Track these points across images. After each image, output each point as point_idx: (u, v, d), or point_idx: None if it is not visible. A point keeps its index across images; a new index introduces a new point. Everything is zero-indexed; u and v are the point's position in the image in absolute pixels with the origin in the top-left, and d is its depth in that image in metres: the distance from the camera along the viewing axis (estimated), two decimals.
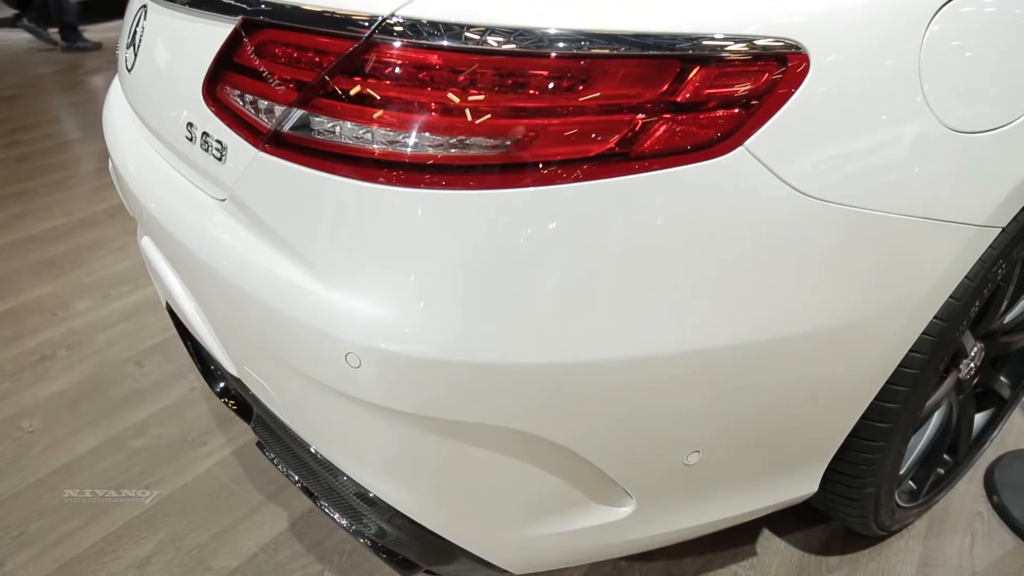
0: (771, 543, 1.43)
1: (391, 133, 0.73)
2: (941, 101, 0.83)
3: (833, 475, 1.13)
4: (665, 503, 1.00)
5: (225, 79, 0.90)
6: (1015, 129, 0.90)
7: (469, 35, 0.70)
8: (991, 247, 0.97)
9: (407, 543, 0.99)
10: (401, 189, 0.73)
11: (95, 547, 1.44)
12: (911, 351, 0.98)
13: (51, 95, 4.56)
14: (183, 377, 1.90)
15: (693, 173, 0.73)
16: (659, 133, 0.72)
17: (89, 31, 5.73)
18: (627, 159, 0.72)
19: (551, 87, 0.71)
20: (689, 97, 0.72)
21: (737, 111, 0.73)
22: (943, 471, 1.46)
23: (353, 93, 0.75)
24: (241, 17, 0.87)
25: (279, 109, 0.81)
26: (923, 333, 0.98)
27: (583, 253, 0.73)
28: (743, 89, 0.73)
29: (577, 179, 0.71)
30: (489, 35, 0.70)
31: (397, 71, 0.73)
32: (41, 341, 2.07)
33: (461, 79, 0.71)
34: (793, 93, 0.74)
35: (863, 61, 0.78)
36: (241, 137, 0.86)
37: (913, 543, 1.42)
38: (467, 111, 0.71)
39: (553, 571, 1.30)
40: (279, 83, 0.81)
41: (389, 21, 0.73)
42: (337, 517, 1.04)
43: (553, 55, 0.70)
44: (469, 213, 0.72)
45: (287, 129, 0.80)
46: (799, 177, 0.76)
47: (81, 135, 3.84)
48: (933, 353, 1.01)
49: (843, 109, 0.78)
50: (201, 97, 0.93)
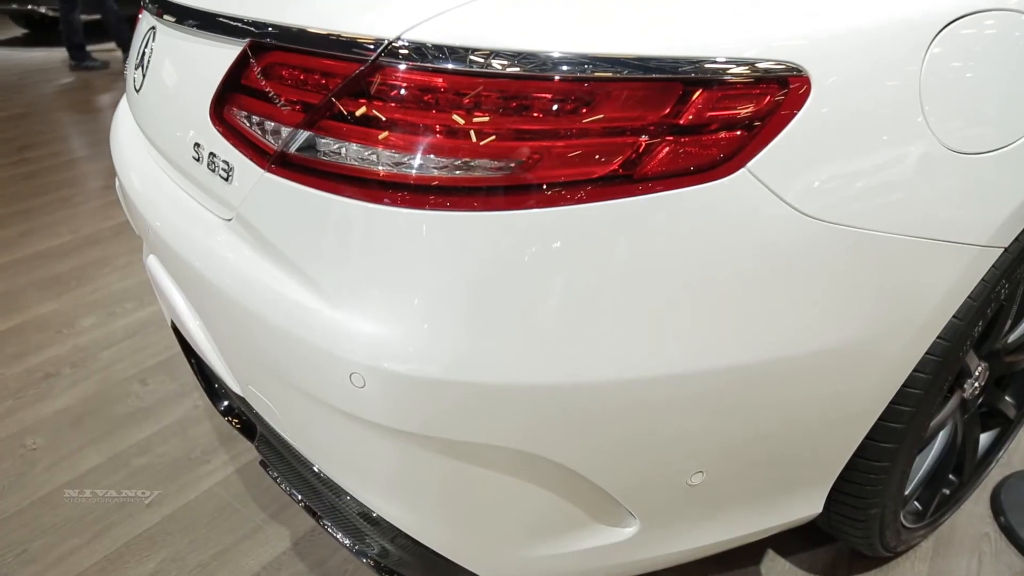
0: (775, 564, 1.42)
1: (396, 155, 0.74)
2: (942, 122, 0.84)
3: (838, 495, 1.12)
4: (669, 523, 0.99)
5: (232, 100, 0.91)
6: (1016, 150, 0.90)
7: (474, 58, 0.71)
8: (994, 267, 0.98)
9: (410, 563, 0.99)
10: (406, 210, 0.73)
11: (97, 565, 1.44)
12: (915, 371, 0.98)
13: (59, 113, 4.61)
14: (187, 395, 1.90)
15: (696, 194, 0.73)
16: (662, 155, 0.73)
17: (90, 50, 5.79)
18: (630, 181, 0.72)
19: (555, 110, 0.72)
20: (691, 119, 0.73)
21: (739, 133, 0.74)
22: (949, 492, 1.45)
23: (359, 115, 0.76)
24: (249, 39, 0.88)
25: (285, 130, 0.81)
26: (927, 353, 0.98)
27: (586, 274, 0.74)
28: (745, 111, 0.74)
29: (581, 200, 0.72)
30: (493, 58, 0.71)
31: (402, 93, 0.74)
32: (46, 358, 2.08)
33: (466, 102, 0.72)
34: (795, 115, 0.75)
35: (864, 83, 0.79)
36: (247, 158, 0.87)
37: (919, 564, 1.41)
38: (472, 133, 0.72)
39: None
40: (286, 105, 0.82)
41: (395, 44, 0.74)
42: (340, 536, 1.04)
43: (557, 78, 0.71)
44: (473, 234, 0.73)
45: (293, 150, 0.81)
46: (801, 198, 0.77)
47: (88, 153, 3.87)
48: (937, 373, 1.01)
49: (844, 131, 0.78)
50: (208, 118, 0.94)
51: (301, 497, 1.08)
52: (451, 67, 0.72)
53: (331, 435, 0.91)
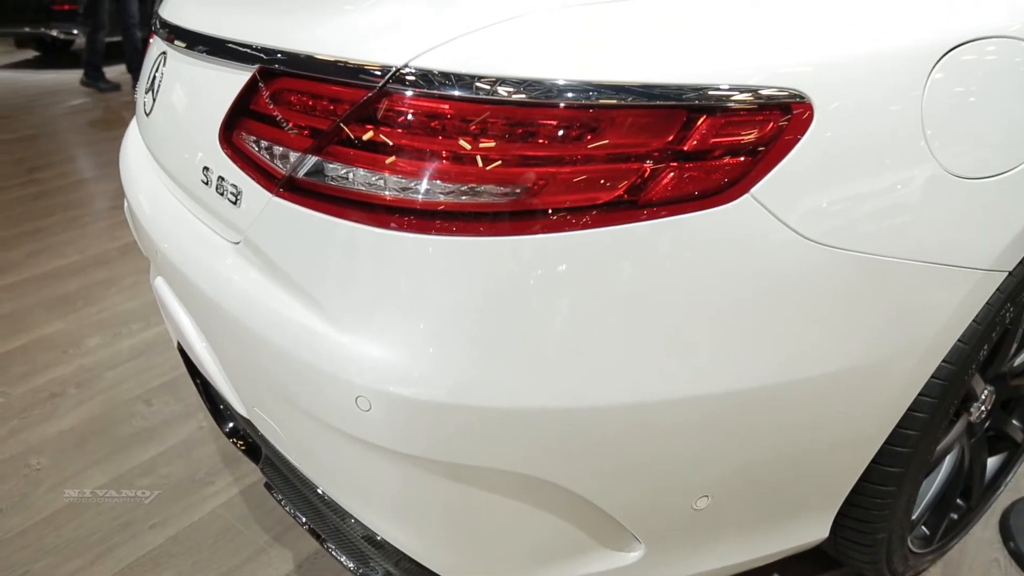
0: None
1: (403, 180, 0.75)
2: (944, 147, 0.84)
3: (844, 520, 1.12)
4: (674, 548, 0.99)
5: (241, 125, 0.93)
6: (1019, 174, 0.91)
7: (480, 85, 0.72)
8: (998, 291, 0.98)
9: None
10: (413, 235, 0.74)
11: None
12: (920, 395, 0.98)
13: (68, 135, 4.65)
14: (191, 416, 1.90)
15: (700, 220, 0.74)
16: (666, 181, 0.73)
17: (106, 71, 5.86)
18: (635, 206, 0.73)
19: (560, 136, 0.73)
20: (695, 146, 0.73)
21: (743, 159, 0.74)
22: (957, 516, 1.44)
23: (366, 140, 0.77)
24: (258, 65, 0.89)
25: (294, 155, 0.82)
26: (932, 376, 0.97)
27: (591, 299, 0.74)
28: (748, 138, 0.74)
29: (586, 226, 0.72)
30: (499, 86, 0.72)
31: (409, 120, 0.75)
32: (51, 378, 2.08)
33: (472, 128, 0.73)
34: (798, 141, 0.76)
35: (867, 108, 0.80)
36: (256, 182, 0.88)
37: None
38: (478, 159, 0.73)
39: None
40: (294, 130, 0.83)
41: (402, 71, 0.75)
42: (344, 560, 1.03)
43: (562, 105, 0.72)
44: (479, 259, 0.73)
45: (301, 175, 0.82)
46: (804, 223, 0.77)
47: (96, 174, 3.90)
48: (943, 397, 1.00)
49: (847, 156, 0.79)
50: (217, 142, 0.95)
51: (305, 520, 1.08)
52: (457, 94, 0.73)
53: (336, 458, 0.91)
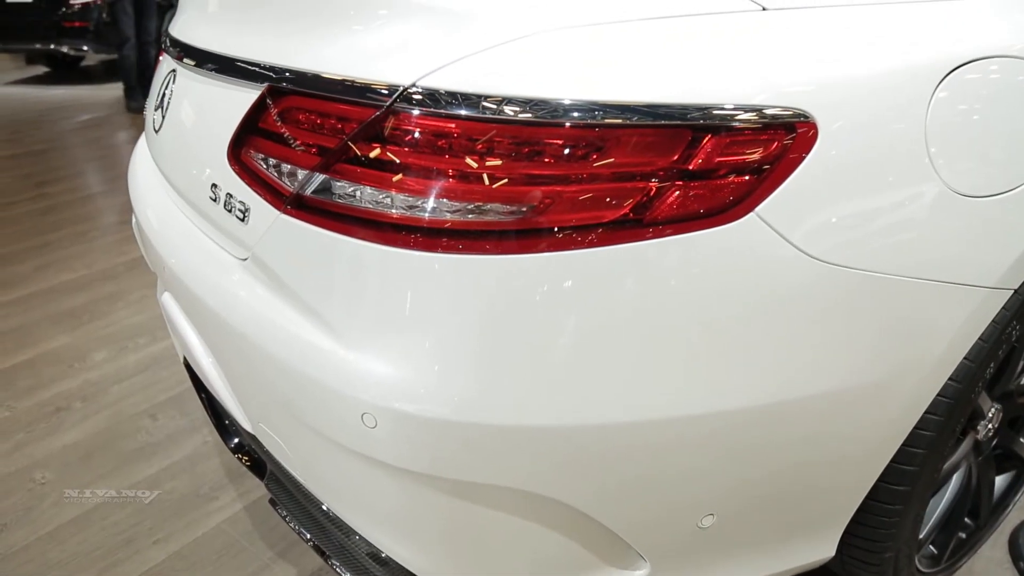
0: None
1: (410, 198, 0.75)
2: (948, 165, 0.85)
3: (851, 538, 1.11)
4: (679, 566, 0.98)
5: (250, 143, 0.93)
6: (1022, 193, 0.91)
7: (486, 105, 0.73)
8: (1004, 308, 0.98)
9: None
10: (419, 253, 0.75)
11: None
12: (927, 412, 0.98)
13: (77, 150, 4.70)
14: (196, 431, 1.90)
15: (705, 239, 0.74)
16: (671, 199, 0.74)
17: (106, 89, 5.89)
18: (640, 225, 0.73)
19: (566, 155, 0.73)
20: (700, 165, 0.74)
21: (747, 178, 0.75)
22: (965, 535, 1.43)
23: (374, 159, 0.77)
24: (267, 84, 0.90)
25: (302, 173, 0.83)
26: (938, 395, 0.97)
27: (597, 317, 0.74)
28: (753, 157, 0.75)
29: (592, 244, 0.73)
30: (506, 105, 0.73)
31: (416, 138, 0.75)
32: (57, 392, 2.09)
33: (479, 147, 0.73)
34: (802, 160, 0.76)
35: (870, 127, 0.80)
36: (264, 199, 0.88)
37: None
38: (484, 178, 0.73)
39: None
40: (302, 148, 0.84)
41: (409, 90, 0.75)
42: None
43: (568, 124, 0.72)
44: (485, 277, 0.74)
45: (309, 192, 0.82)
46: (809, 241, 0.77)
47: (104, 189, 3.93)
48: (949, 415, 1.00)
49: (851, 175, 0.79)
50: (226, 159, 0.96)
51: (310, 536, 1.08)
52: (464, 113, 0.73)
53: (341, 474, 0.91)
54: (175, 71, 1.24)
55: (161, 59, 1.41)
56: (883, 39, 0.86)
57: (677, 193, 0.74)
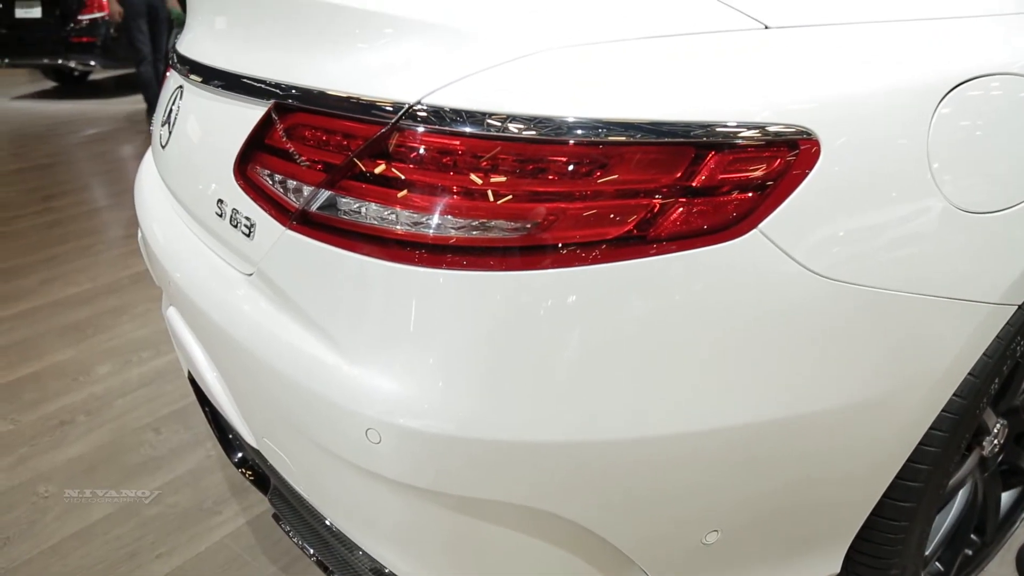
0: None
1: (415, 215, 0.76)
2: (949, 182, 0.85)
3: (856, 555, 1.10)
4: None
5: (256, 159, 0.94)
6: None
7: (491, 122, 0.73)
8: (1008, 324, 0.98)
9: None
10: (424, 269, 0.75)
11: None
12: (931, 428, 0.97)
13: (83, 164, 4.73)
14: (200, 444, 1.90)
15: (708, 255, 0.74)
16: (675, 216, 0.74)
17: (113, 103, 5.93)
18: (644, 241, 0.74)
19: (570, 172, 0.73)
20: (704, 182, 0.74)
21: (750, 195, 0.75)
22: (971, 552, 1.42)
23: (379, 175, 0.78)
24: (273, 101, 0.91)
25: (307, 189, 0.84)
26: (942, 410, 0.97)
27: (600, 333, 0.75)
28: (756, 174, 0.75)
29: (596, 261, 0.73)
30: (510, 122, 0.73)
31: (421, 155, 0.76)
32: (61, 405, 2.09)
33: (483, 164, 0.74)
34: (805, 177, 0.77)
35: (873, 144, 0.81)
36: (270, 215, 0.89)
37: None
38: (489, 194, 0.74)
39: None
40: (308, 164, 0.85)
41: (415, 108, 0.76)
42: None
43: (572, 142, 0.73)
44: (490, 293, 0.74)
45: (314, 208, 0.83)
46: (812, 258, 0.78)
47: (109, 203, 3.96)
48: (954, 430, 1.00)
49: (854, 191, 0.80)
50: (232, 175, 0.97)
51: (313, 551, 1.08)
52: (469, 130, 0.74)
53: (345, 489, 0.91)
54: (182, 87, 1.25)
55: (168, 75, 1.42)
56: (885, 57, 0.87)
57: (681, 210, 0.74)
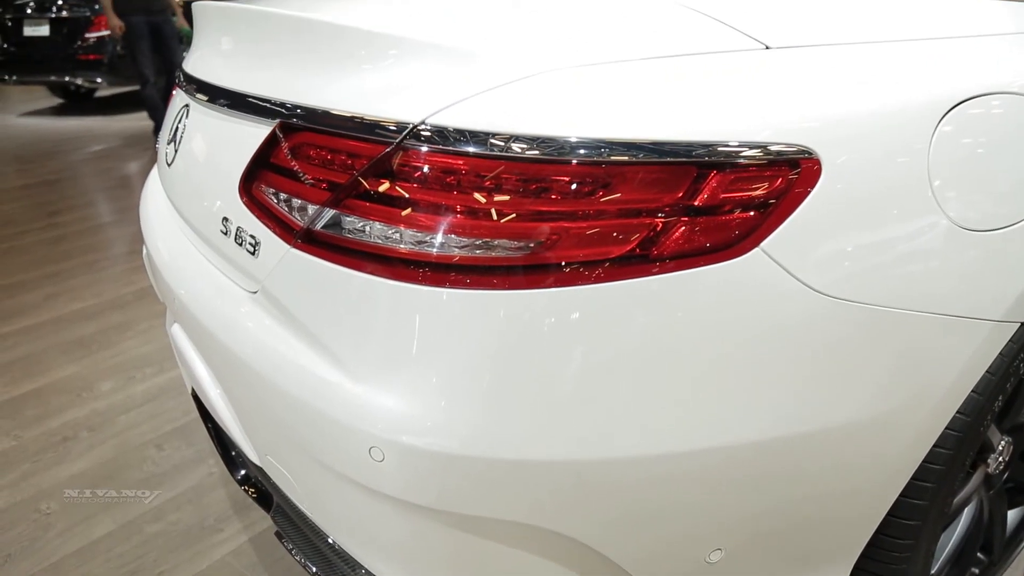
0: None
1: (419, 233, 0.76)
2: (951, 200, 0.85)
3: (861, 574, 1.10)
4: None
5: (261, 177, 0.95)
6: None
7: (494, 142, 0.74)
8: (1011, 341, 0.97)
9: None
10: (427, 288, 0.75)
11: None
12: (935, 446, 0.97)
13: (89, 180, 4.76)
14: (202, 461, 1.90)
15: (710, 274, 0.75)
16: (677, 235, 0.74)
17: (119, 120, 5.97)
18: (647, 260, 0.74)
19: (573, 191, 0.74)
20: (706, 201, 0.75)
21: (752, 214, 0.76)
22: (978, 570, 1.41)
23: (383, 194, 0.78)
24: (278, 120, 0.92)
25: (312, 208, 0.84)
26: (946, 428, 0.97)
27: (604, 351, 0.75)
28: (758, 193, 0.76)
29: (599, 279, 0.73)
30: (513, 142, 0.74)
31: (425, 175, 0.77)
32: (64, 422, 2.09)
33: (487, 183, 0.74)
34: (807, 195, 0.77)
35: (874, 162, 0.81)
36: (274, 233, 0.90)
37: None
38: (492, 213, 0.74)
39: None
40: (312, 183, 0.85)
41: (419, 128, 0.77)
42: None
43: (574, 162, 0.73)
44: (493, 312, 0.74)
45: (319, 227, 0.83)
46: (814, 276, 0.78)
47: (114, 219, 3.97)
48: (958, 448, 0.99)
49: (855, 210, 0.80)
50: (237, 193, 0.97)
51: (316, 569, 1.07)
52: (472, 150, 0.75)
53: (348, 507, 0.91)
54: (188, 106, 1.26)
55: (175, 94, 1.43)
56: (885, 76, 0.87)
57: (683, 228, 0.74)
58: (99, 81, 6.91)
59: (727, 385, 0.79)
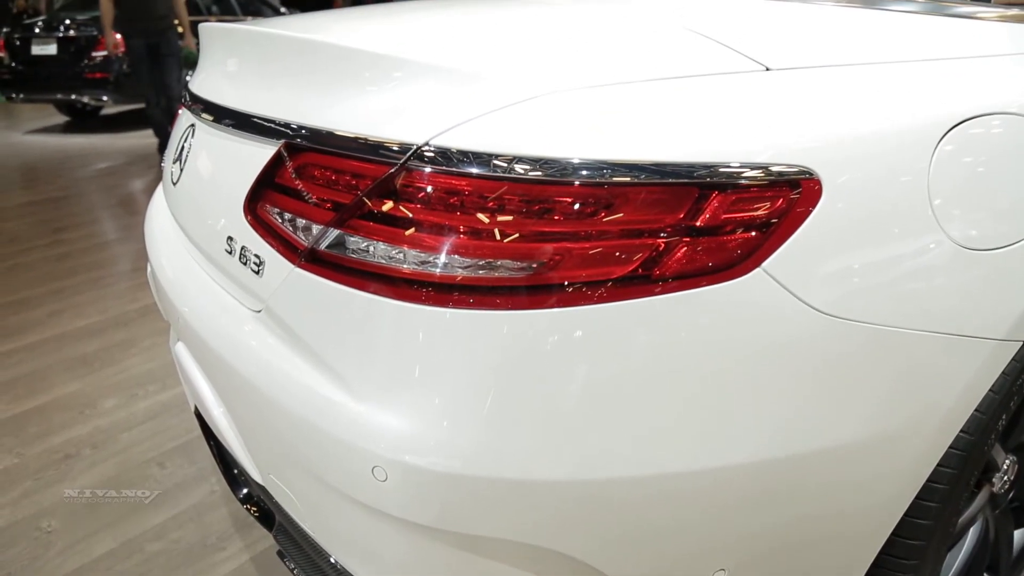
0: None
1: (422, 254, 0.77)
2: (951, 219, 0.86)
3: None
4: None
5: (266, 197, 0.96)
6: None
7: (497, 163, 0.75)
8: (1014, 360, 0.97)
9: None
10: (431, 308, 0.76)
11: None
12: (939, 465, 0.97)
13: (94, 197, 4.78)
14: (204, 479, 1.89)
15: (712, 294, 0.75)
16: (679, 256, 0.75)
17: (124, 138, 6.02)
18: (649, 280, 0.74)
19: (575, 212, 0.74)
20: (707, 221, 0.75)
21: (754, 234, 0.76)
22: None
23: (387, 215, 0.79)
24: (283, 140, 0.93)
25: (316, 228, 0.85)
26: (950, 447, 0.96)
27: (606, 371, 0.75)
28: (759, 213, 0.76)
29: (601, 299, 0.74)
30: (516, 163, 0.74)
31: (429, 196, 0.77)
32: (67, 439, 2.09)
33: (490, 204, 0.75)
34: (808, 216, 0.77)
35: (875, 182, 0.82)
36: (279, 253, 0.90)
37: None
38: (495, 234, 0.75)
39: None
40: (317, 203, 0.86)
41: (423, 149, 0.77)
42: None
43: (577, 183, 0.74)
44: (496, 332, 0.75)
45: (323, 247, 0.84)
46: (815, 296, 0.78)
47: (119, 236, 3.99)
48: (962, 467, 0.99)
49: (856, 230, 0.81)
50: (242, 213, 0.98)
51: None
52: (475, 171, 0.75)
53: (350, 526, 0.91)
54: (194, 125, 1.27)
55: (180, 113, 1.45)
56: (885, 96, 0.88)
57: (685, 249, 0.75)
58: (105, 99, 6.98)
59: (729, 404, 0.79)
